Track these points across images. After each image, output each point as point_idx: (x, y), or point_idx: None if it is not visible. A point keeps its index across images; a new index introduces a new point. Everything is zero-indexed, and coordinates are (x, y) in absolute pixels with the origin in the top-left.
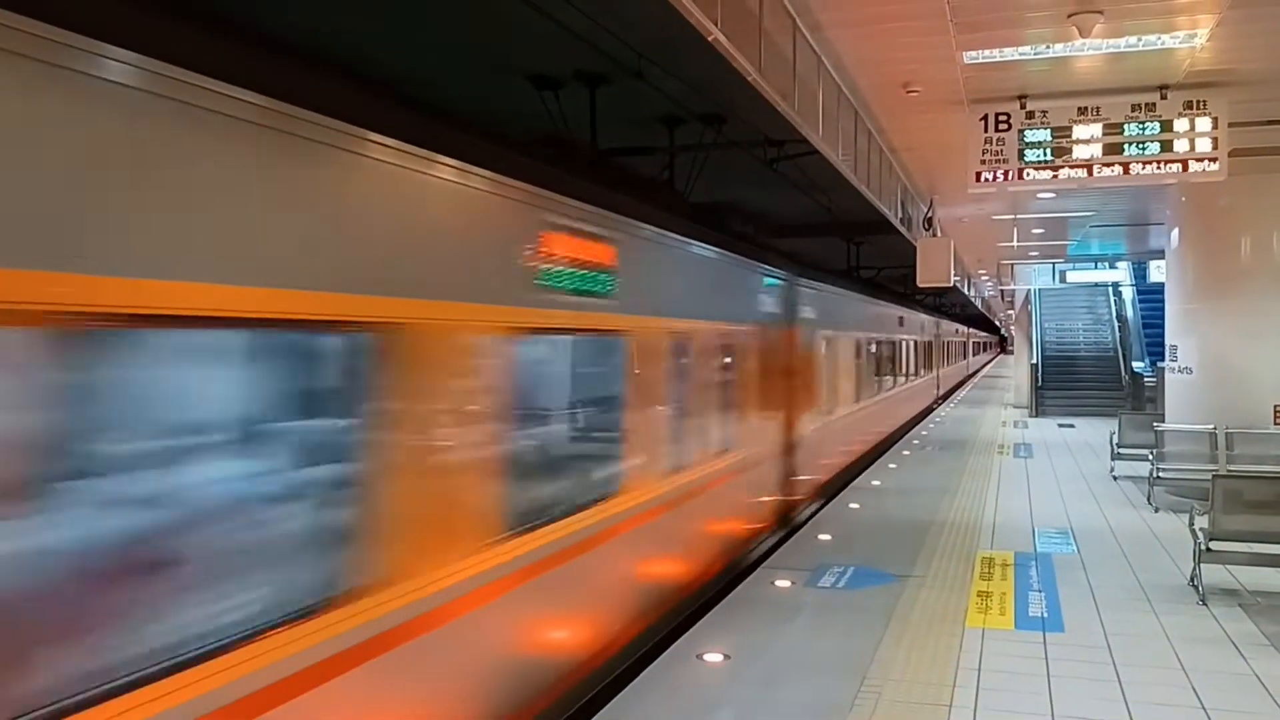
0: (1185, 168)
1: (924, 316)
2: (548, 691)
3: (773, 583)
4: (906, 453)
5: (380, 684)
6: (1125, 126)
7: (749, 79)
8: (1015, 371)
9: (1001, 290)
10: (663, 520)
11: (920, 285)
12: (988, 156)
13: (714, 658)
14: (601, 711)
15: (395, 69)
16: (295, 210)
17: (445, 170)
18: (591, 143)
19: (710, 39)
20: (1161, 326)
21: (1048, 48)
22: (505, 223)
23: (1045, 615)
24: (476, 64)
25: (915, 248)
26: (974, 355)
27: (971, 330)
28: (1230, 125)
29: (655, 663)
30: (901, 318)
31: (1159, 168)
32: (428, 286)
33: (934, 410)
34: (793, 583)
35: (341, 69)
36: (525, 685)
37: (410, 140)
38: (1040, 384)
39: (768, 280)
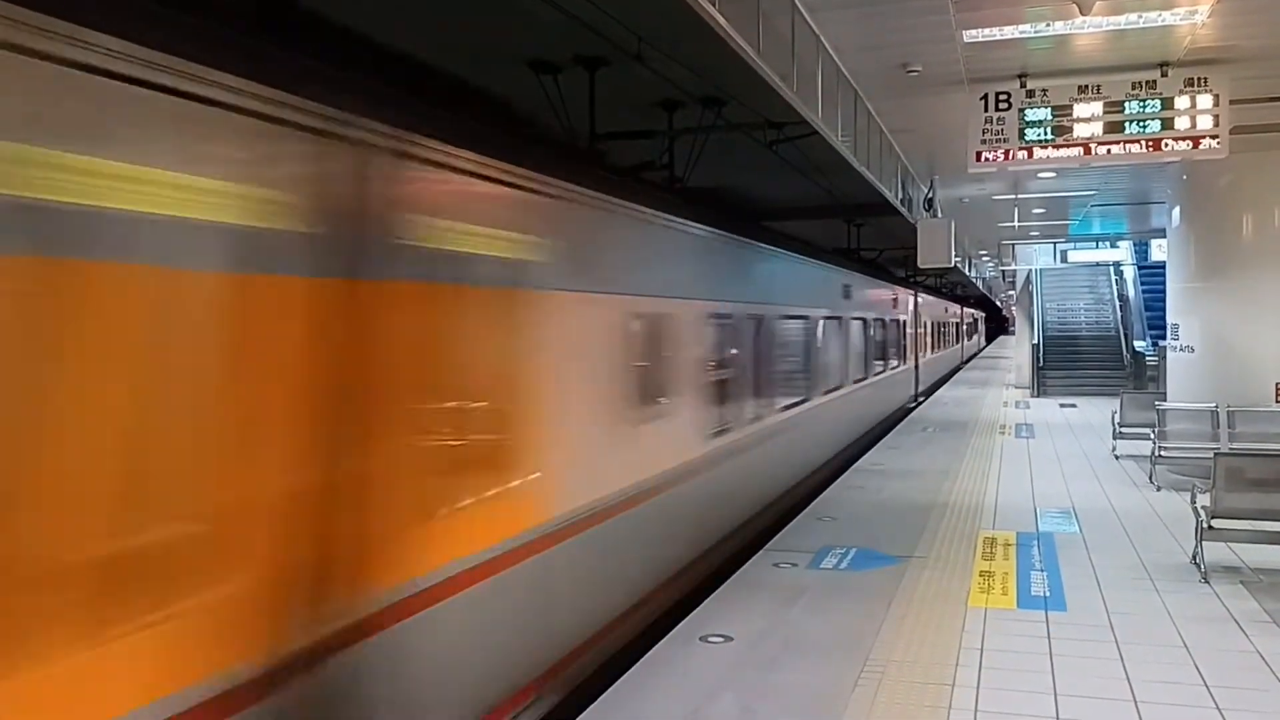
0: (1189, 145)
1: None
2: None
3: (775, 565)
4: (908, 435)
5: None
6: (1126, 104)
7: (748, 61)
8: (1016, 352)
9: (1002, 270)
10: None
11: (921, 266)
12: (988, 136)
13: (717, 639)
14: (605, 694)
15: (396, 54)
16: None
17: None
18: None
19: (709, 20)
20: (1163, 305)
21: (1048, 26)
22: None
23: (1047, 594)
24: (477, 49)
25: (916, 229)
26: (934, 349)
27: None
28: (1231, 102)
29: (658, 645)
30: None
31: (1160, 146)
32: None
33: None
34: (795, 565)
35: (341, 54)
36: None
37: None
38: (1041, 364)
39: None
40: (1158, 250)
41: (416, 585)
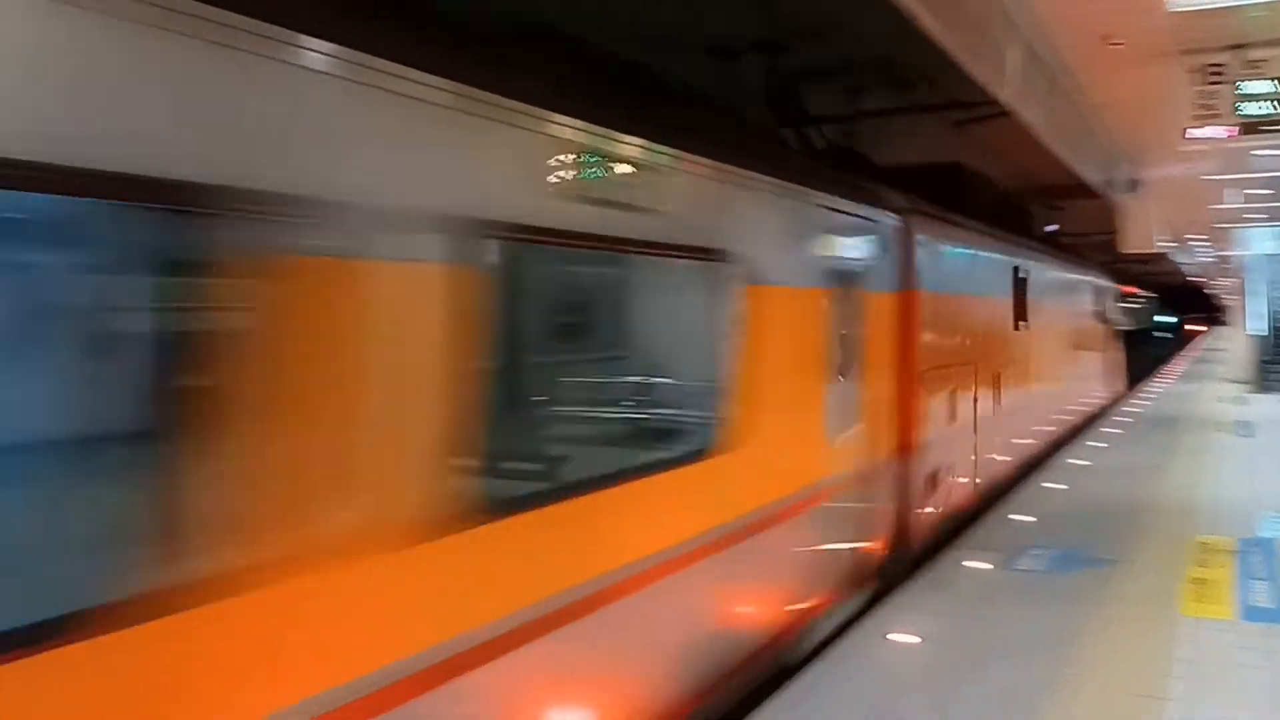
0: None
1: None
2: None
3: (965, 564)
4: (1114, 431)
5: None
6: None
7: (934, 38)
8: (1233, 344)
9: (1219, 256)
10: None
11: (1122, 251)
12: (1199, 111)
13: (903, 638)
14: (785, 688)
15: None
16: None
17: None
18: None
19: None
20: None
21: None
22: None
23: (1272, 606)
24: (653, 34)
25: (1117, 212)
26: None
27: None
28: None
29: (842, 642)
30: None
31: None
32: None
33: None
34: (988, 565)
35: (527, 47)
36: None
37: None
38: (1267, 357)
39: None
40: None
41: None
